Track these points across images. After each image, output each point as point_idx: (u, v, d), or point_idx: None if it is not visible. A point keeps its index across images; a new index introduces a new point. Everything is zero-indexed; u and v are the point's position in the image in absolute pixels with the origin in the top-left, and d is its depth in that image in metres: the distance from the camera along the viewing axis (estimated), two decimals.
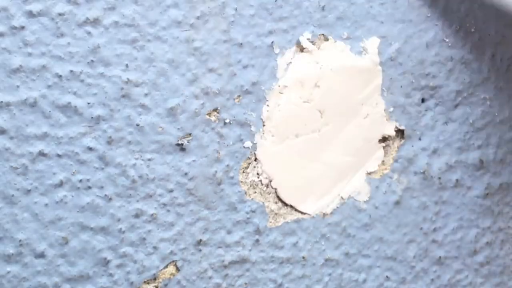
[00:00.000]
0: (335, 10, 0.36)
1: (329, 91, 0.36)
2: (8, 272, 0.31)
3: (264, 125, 0.35)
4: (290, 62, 0.35)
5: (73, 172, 0.31)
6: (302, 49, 0.36)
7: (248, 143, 0.35)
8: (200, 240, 0.34)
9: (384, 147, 0.38)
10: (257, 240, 0.36)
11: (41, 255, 0.31)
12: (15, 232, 0.31)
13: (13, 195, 0.30)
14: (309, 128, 0.36)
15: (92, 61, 0.31)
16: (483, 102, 0.39)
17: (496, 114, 0.40)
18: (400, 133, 0.38)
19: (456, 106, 0.39)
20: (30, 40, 0.30)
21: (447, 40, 0.38)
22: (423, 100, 0.38)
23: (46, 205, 0.31)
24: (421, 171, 0.39)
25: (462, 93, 0.39)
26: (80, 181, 0.31)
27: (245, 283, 0.36)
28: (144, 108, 0.32)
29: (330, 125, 0.36)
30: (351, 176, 0.37)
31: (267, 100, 0.35)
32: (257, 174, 0.35)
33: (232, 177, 0.35)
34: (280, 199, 0.36)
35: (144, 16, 0.32)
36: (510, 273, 0.42)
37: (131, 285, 0.33)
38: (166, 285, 0.34)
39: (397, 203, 0.39)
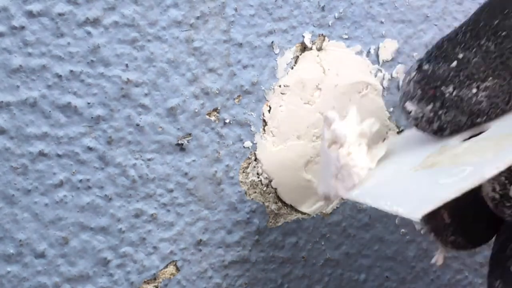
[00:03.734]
0: (335, 10, 0.36)
1: (330, 93, 0.36)
2: (8, 272, 0.31)
3: (264, 125, 0.35)
4: (290, 62, 0.35)
5: (73, 172, 0.31)
6: (302, 49, 0.36)
7: (248, 143, 0.35)
8: (200, 240, 0.34)
9: None
10: (257, 240, 0.36)
11: (41, 255, 0.31)
12: (15, 232, 0.31)
13: (13, 195, 0.30)
14: (310, 129, 0.36)
15: (92, 61, 0.31)
16: None
17: None
18: (400, 133, 0.38)
19: None
20: (30, 40, 0.30)
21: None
22: None
23: (46, 205, 0.31)
24: None
25: None
26: (80, 181, 0.31)
27: (245, 283, 0.36)
28: (144, 108, 0.32)
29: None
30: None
31: (267, 100, 0.35)
32: (257, 174, 0.35)
33: (232, 177, 0.35)
34: (280, 199, 0.36)
35: (144, 16, 0.32)
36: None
37: (131, 285, 0.33)
38: (166, 285, 0.34)
39: None
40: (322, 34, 0.36)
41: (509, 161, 0.21)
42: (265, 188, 0.36)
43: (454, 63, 0.26)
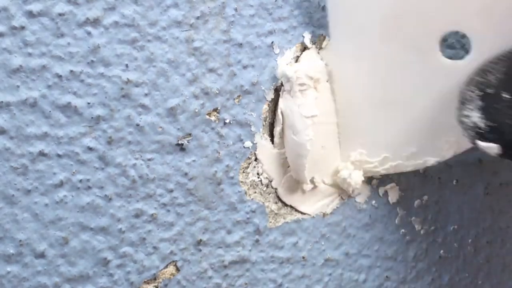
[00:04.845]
0: None
1: (330, 94, 0.36)
2: (8, 272, 0.31)
3: (264, 125, 0.35)
4: (290, 62, 0.35)
5: (73, 172, 0.31)
6: (302, 49, 0.36)
7: (248, 143, 0.35)
8: (200, 240, 0.34)
9: None
10: (257, 240, 0.36)
11: (41, 255, 0.31)
12: (15, 232, 0.31)
13: (13, 195, 0.30)
14: None
15: (92, 61, 0.31)
16: None
17: None
18: None
19: None
20: (30, 40, 0.30)
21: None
22: None
23: (46, 205, 0.31)
24: (421, 171, 0.39)
25: None
26: (80, 181, 0.31)
27: (245, 283, 0.36)
28: (144, 108, 0.32)
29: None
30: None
31: (267, 100, 0.35)
32: (257, 174, 0.35)
33: (232, 177, 0.35)
34: (280, 199, 0.36)
35: (144, 16, 0.32)
36: (510, 272, 0.43)
37: (131, 285, 0.33)
38: (166, 285, 0.34)
39: (397, 203, 0.39)
40: (322, 34, 0.36)
41: None
42: (265, 188, 0.36)
43: None
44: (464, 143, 0.34)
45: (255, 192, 0.35)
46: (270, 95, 0.35)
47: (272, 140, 0.36)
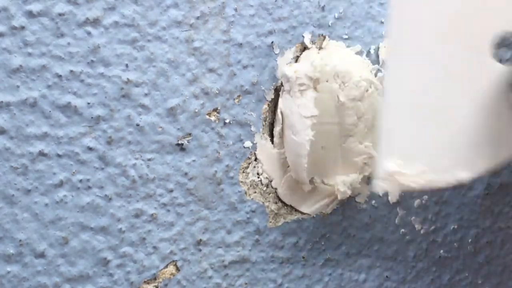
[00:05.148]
0: (334, 10, 0.36)
1: (330, 94, 0.36)
2: (8, 272, 0.31)
3: (264, 125, 0.35)
4: (290, 62, 0.35)
5: (73, 172, 0.31)
6: (302, 49, 0.36)
7: (248, 143, 0.35)
8: (200, 240, 0.34)
9: None
10: (257, 240, 0.36)
11: (41, 255, 0.31)
12: (15, 232, 0.31)
13: (13, 195, 0.30)
14: None
15: (92, 61, 0.31)
16: None
17: None
18: None
19: None
20: (30, 40, 0.30)
21: None
22: None
23: (46, 205, 0.31)
24: None
25: None
26: (80, 181, 0.31)
27: (245, 283, 0.36)
28: (144, 108, 0.32)
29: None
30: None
31: (267, 100, 0.35)
32: (257, 174, 0.35)
33: (232, 177, 0.35)
34: (280, 199, 0.36)
35: (144, 16, 0.32)
36: (510, 273, 0.43)
37: (131, 285, 0.33)
38: (166, 285, 0.34)
39: (397, 203, 0.39)
40: (322, 34, 0.36)
41: None
42: (265, 188, 0.36)
43: None
44: (498, 156, 0.32)
45: (255, 192, 0.35)
46: (270, 95, 0.35)
47: (272, 140, 0.36)
